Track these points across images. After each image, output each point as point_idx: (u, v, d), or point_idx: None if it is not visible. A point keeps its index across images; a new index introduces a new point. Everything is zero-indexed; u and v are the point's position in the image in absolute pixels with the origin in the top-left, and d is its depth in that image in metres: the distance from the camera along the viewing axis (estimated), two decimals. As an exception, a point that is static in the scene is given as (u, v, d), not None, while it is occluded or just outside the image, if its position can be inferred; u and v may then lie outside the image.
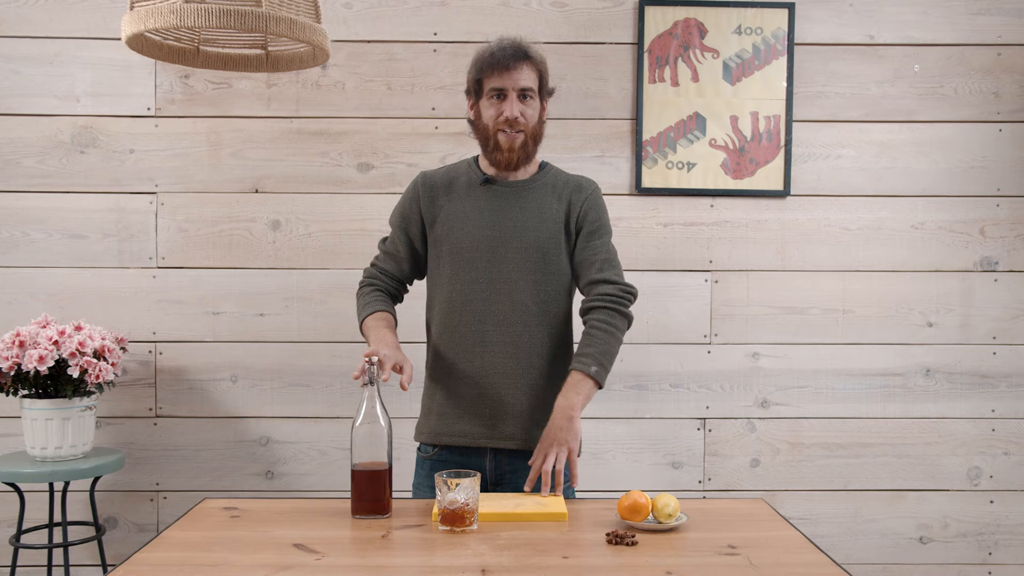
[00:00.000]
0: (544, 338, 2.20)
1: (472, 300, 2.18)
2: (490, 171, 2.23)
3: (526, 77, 2.14)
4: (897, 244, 3.06)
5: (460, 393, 2.20)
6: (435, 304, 2.25)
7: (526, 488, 2.05)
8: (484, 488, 2.15)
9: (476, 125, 2.21)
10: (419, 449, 2.30)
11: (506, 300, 2.17)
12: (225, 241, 3.00)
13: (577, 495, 2.20)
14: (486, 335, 2.18)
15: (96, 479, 2.80)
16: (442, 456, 2.23)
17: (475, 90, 2.19)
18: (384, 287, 2.27)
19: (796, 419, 3.07)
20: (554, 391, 2.14)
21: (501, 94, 2.14)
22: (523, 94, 2.14)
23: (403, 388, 2.01)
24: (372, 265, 2.32)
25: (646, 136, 3.00)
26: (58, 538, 2.89)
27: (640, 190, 3.01)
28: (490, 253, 2.18)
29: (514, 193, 2.21)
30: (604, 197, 2.30)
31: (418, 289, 2.35)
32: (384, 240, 2.32)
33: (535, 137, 2.19)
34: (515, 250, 2.18)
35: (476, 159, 2.28)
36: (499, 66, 2.12)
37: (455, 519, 1.80)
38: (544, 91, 2.20)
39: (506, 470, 2.20)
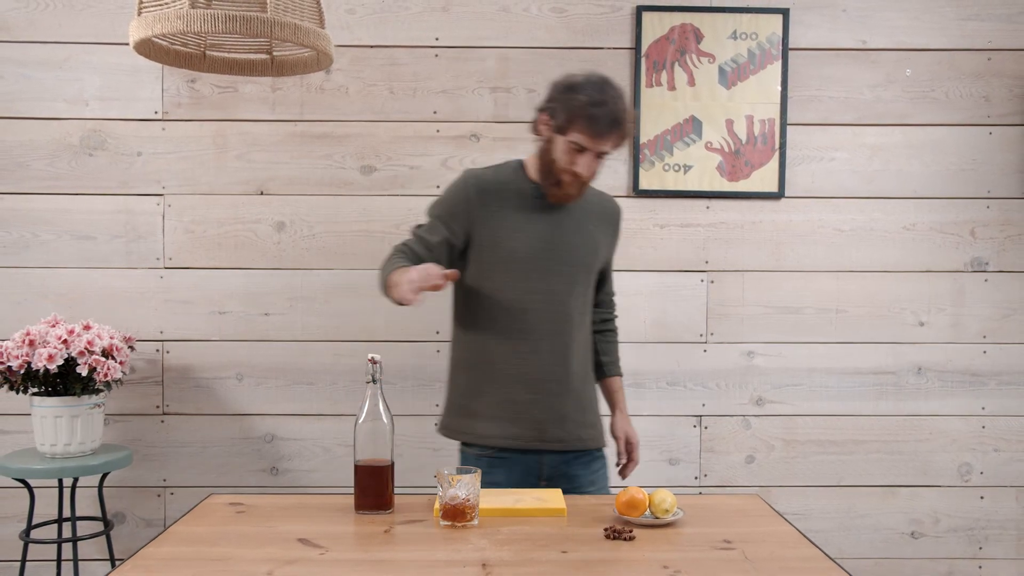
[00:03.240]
0: (582, 345, 2.31)
1: (527, 309, 2.23)
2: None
3: (611, 145, 2.16)
4: (889, 245, 3.10)
5: (512, 398, 2.25)
6: (479, 308, 2.27)
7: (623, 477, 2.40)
8: (535, 486, 2.26)
9: (545, 148, 2.22)
10: (467, 446, 2.32)
11: (557, 310, 2.25)
12: (231, 242, 3.04)
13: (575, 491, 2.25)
14: (539, 343, 2.24)
15: (104, 475, 2.83)
16: (500, 455, 2.26)
17: (559, 126, 2.16)
18: (413, 260, 2.20)
19: (790, 416, 3.11)
20: (589, 392, 2.32)
21: (582, 149, 2.15)
22: (600, 155, 2.18)
23: (451, 278, 2.00)
24: (404, 243, 2.26)
25: (643, 139, 3.04)
26: (67, 533, 2.91)
27: (638, 192, 3.05)
28: (544, 266, 2.24)
29: (564, 209, 2.28)
30: None
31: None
32: (420, 226, 2.30)
33: (590, 182, 2.25)
34: (566, 264, 2.26)
35: (522, 164, 2.32)
36: (593, 133, 2.12)
37: (456, 514, 1.83)
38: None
39: (557, 470, 2.29)
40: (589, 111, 2.11)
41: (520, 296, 2.23)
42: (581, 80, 2.17)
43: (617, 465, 2.43)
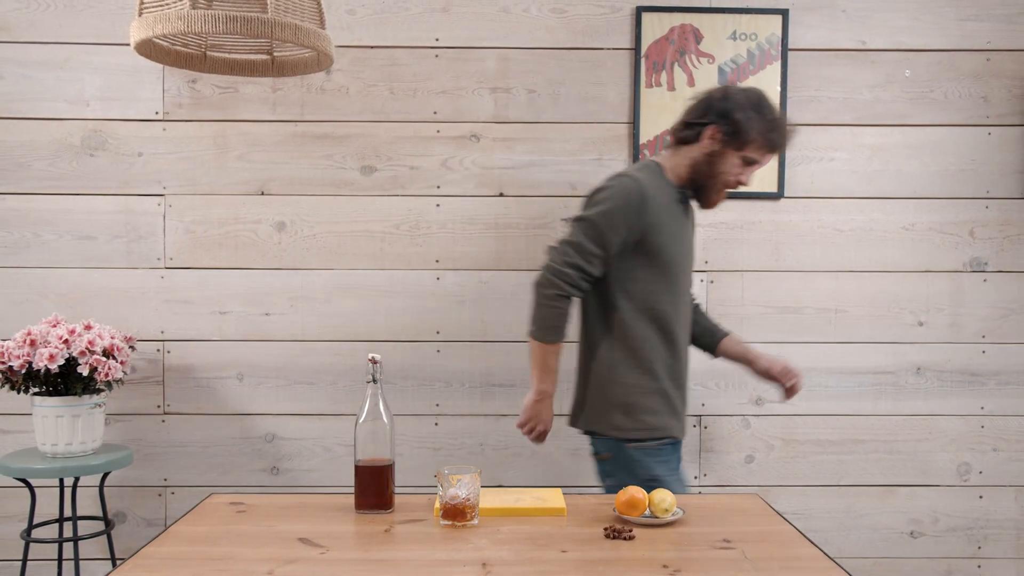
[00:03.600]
0: None
1: (676, 310, 2.37)
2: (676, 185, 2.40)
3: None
4: (889, 245, 3.11)
5: (667, 393, 2.38)
6: (638, 310, 2.33)
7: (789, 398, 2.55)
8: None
9: (709, 160, 2.34)
10: (633, 442, 2.35)
11: (688, 310, 2.47)
12: (231, 242, 3.04)
13: (575, 490, 2.25)
14: (680, 341, 2.41)
15: (105, 475, 2.83)
16: (666, 444, 2.39)
17: (737, 142, 2.30)
18: (578, 297, 2.37)
19: (790, 416, 3.12)
20: None
21: (753, 162, 2.32)
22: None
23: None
24: (575, 267, 2.29)
25: (643, 139, 3.04)
26: (68, 532, 2.93)
27: (637, 192, 3.06)
28: (686, 268, 2.42)
29: (688, 213, 2.44)
30: None
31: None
32: (588, 238, 2.29)
33: None
34: (692, 265, 2.47)
35: (660, 168, 2.39)
36: (772, 150, 2.32)
37: (456, 514, 1.84)
38: None
39: (680, 458, 2.49)
40: (772, 132, 2.29)
41: (672, 298, 2.36)
42: (753, 97, 2.31)
43: (785, 389, 2.54)
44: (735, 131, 2.28)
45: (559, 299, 2.29)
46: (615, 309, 2.34)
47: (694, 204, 2.46)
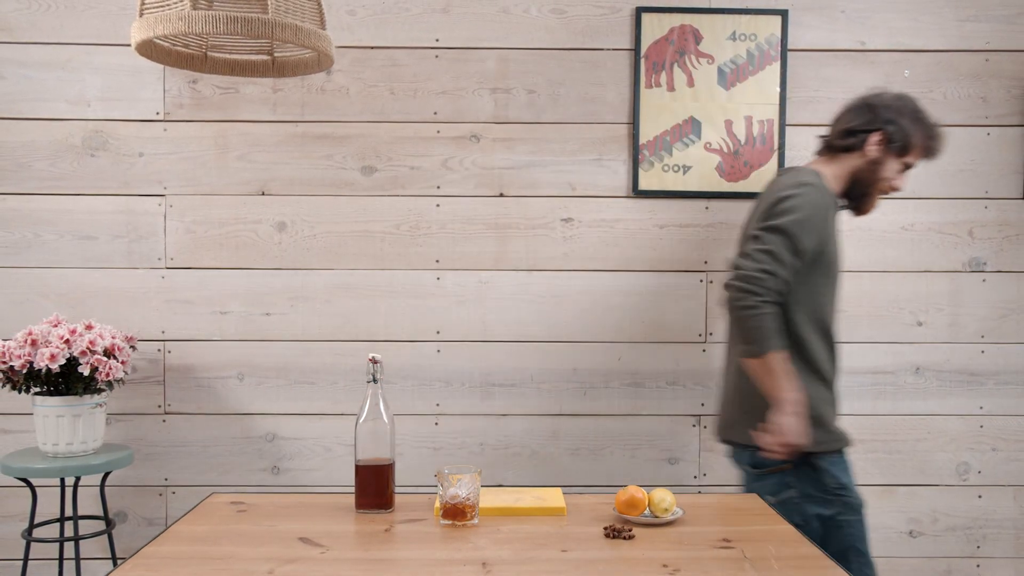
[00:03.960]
0: None
1: (835, 322, 2.38)
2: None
3: None
4: (888, 245, 3.11)
5: (837, 402, 2.40)
6: (815, 320, 2.33)
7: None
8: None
9: (871, 167, 2.38)
10: (822, 454, 2.33)
11: None
12: (232, 242, 3.05)
13: (575, 490, 2.26)
14: (837, 351, 2.42)
15: (106, 474, 2.83)
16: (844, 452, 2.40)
17: (901, 149, 2.35)
18: (777, 304, 2.26)
19: (789, 416, 3.12)
20: None
21: (909, 167, 2.39)
22: None
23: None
24: (770, 273, 2.22)
25: (643, 140, 3.05)
26: (69, 532, 2.93)
27: (637, 192, 3.06)
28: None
29: None
30: (602, 200, 2.39)
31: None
32: (782, 246, 2.23)
33: None
34: None
35: (823, 177, 2.37)
36: (932, 155, 2.40)
37: (456, 513, 1.85)
38: None
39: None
40: (931, 138, 2.37)
41: (833, 308, 2.38)
42: (910, 104, 2.37)
43: None
44: (901, 137, 2.33)
45: (762, 305, 2.19)
46: (791, 321, 2.31)
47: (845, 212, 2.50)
